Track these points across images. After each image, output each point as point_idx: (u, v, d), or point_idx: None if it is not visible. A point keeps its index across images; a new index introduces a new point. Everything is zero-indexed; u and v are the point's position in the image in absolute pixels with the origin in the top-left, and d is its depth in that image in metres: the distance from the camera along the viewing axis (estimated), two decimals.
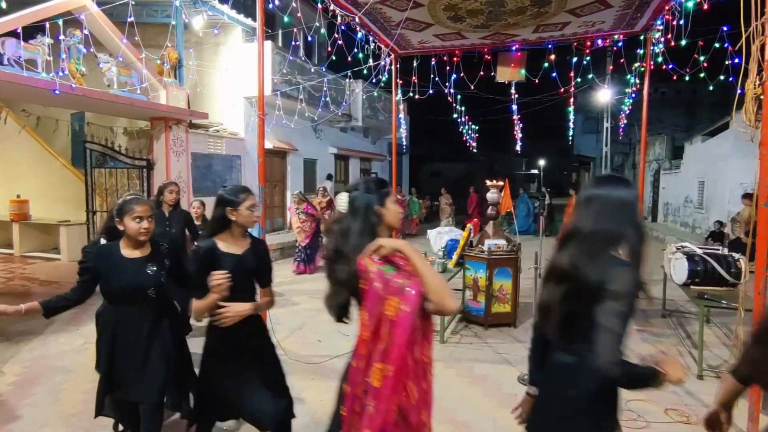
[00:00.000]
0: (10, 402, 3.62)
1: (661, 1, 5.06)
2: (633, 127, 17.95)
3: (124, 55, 7.17)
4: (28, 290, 7.01)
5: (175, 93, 8.19)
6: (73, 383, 3.95)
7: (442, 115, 13.23)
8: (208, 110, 9.50)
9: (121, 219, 2.41)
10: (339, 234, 1.73)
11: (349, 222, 1.73)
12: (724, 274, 4.38)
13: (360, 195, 1.75)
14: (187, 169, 8.65)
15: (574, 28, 5.97)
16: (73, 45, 6.49)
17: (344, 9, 5.37)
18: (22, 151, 10.37)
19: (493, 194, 5.93)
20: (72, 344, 4.85)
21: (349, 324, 1.89)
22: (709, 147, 13.11)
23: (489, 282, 5.30)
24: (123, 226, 2.42)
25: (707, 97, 19.94)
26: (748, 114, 3.07)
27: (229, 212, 2.31)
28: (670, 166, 16.95)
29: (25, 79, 5.81)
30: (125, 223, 2.41)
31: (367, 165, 16.80)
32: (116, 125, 9.79)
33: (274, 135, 10.95)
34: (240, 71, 9.92)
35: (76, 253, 9.10)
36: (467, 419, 3.45)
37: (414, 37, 6.40)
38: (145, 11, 8.71)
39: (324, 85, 10.57)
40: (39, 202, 10.07)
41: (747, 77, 3.01)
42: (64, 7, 6.30)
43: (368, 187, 1.77)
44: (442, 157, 28.42)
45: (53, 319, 5.61)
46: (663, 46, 5.61)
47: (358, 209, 1.74)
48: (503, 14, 5.42)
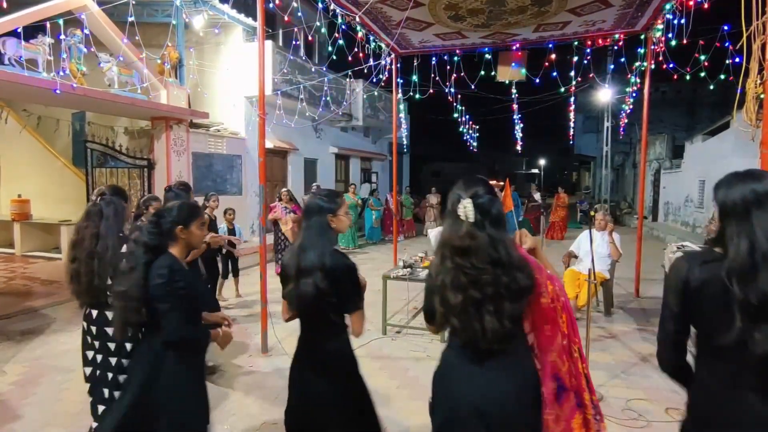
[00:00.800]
0: (11, 401, 3.63)
1: (662, 1, 5.06)
2: (633, 126, 17.92)
3: (125, 54, 7.17)
4: (29, 290, 7.02)
5: (175, 93, 8.19)
6: (75, 383, 3.95)
7: (443, 115, 13.23)
8: (209, 110, 9.50)
9: (186, 226, 2.10)
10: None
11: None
12: None
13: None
14: (187, 169, 8.65)
15: (575, 27, 5.97)
16: (73, 44, 6.49)
17: (345, 8, 5.37)
18: (23, 151, 10.37)
19: None
20: (73, 344, 4.85)
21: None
22: (709, 146, 13.09)
23: None
24: (184, 235, 2.11)
25: (708, 96, 19.90)
26: (749, 113, 3.07)
27: (330, 220, 2.11)
28: (670, 166, 16.93)
29: (26, 79, 5.81)
30: (191, 231, 2.12)
31: (368, 164, 16.80)
32: (117, 125, 9.79)
33: (275, 134, 10.95)
34: (241, 71, 9.91)
35: None
36: None
37: (414, 36, 6.40)
38: (145, 11, 8.71)
39: (324, 84, 10.57)
40: (40, 201, 10.07)
41: (748, 76, 3.01)
42: (65, 6, 6.30)
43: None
44: (443, 157, 28.42)
45: (54, 319, 5.65)
46: (664, 45, 5.60)
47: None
48: (504, 14, 5.42)
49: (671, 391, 3.79)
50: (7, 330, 5.22)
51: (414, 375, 4.17)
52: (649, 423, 3.31)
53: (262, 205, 4.63)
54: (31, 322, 5.55)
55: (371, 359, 4.45)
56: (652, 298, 6.54)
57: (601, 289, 5.66)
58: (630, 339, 4.99)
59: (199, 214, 2.20)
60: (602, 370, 4.14)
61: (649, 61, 6.08)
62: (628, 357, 4.53)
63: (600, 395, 3.67)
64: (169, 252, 2.08)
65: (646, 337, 5.10)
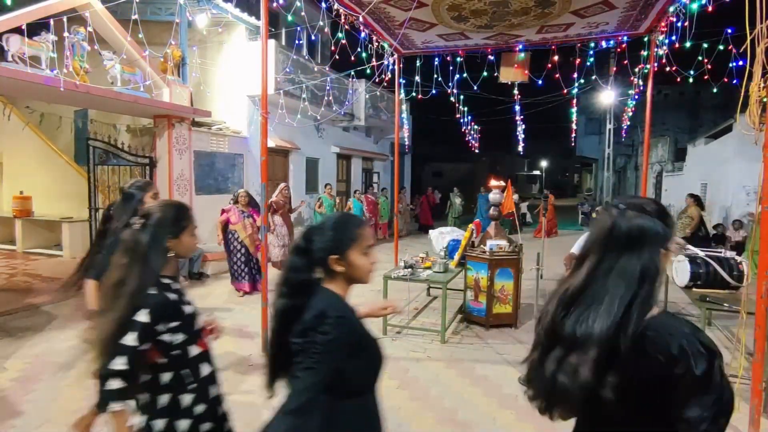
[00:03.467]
0: (12, 398, 3.63)
1: (665, 3, 5.05)
2: (635, 128, 17.92)
3: (128, 52, 7.18)
4: (30, 286, 7.03)
5: (178, 91, 8.20)
6: (75, 380, 3.96)
7: (445, 115, 13.22)
8: (211, 108, 9.51)
9: (342, 255, 1.46)
10: None
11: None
12: (726, 276, 4.37)
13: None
14: (189, 167, 8.65)
15: (578, 29, 5.97)
16: (77, 42, 6.51)
17: (348, 8, 5.37)
18: (25, 148, 10.39)
19: (496, 195, 5.93)
20: (74, 340, 4.86)
21: None
22: (712, 149, 13.08)
23: (490, 282, 5.29)
24: (348, 262, 1.48)
25: (710, 99, 19.88)
26: (752, 116, 3.06)
27: (662, 255, 1.29)
28: (672, 168, 16.91)
29: (29, 76, 5.82)
30: (356, 257, 1.48)
31: (370, 164, 16.80)
32: (119, 123, 9.81)
33: (277, 134, 10.95)
34: (243, 70, 9.92)
35: (78, 250, 9.14)
36: (468, 419, 3.45)
37: (417, 37, 6.40)
38: (149, 9, 8.73)
39: (327, 84, 10.57)
40: (42, 198, 10.09)
41: (751, 80, 3.01)
42: (69, 4, 6.31)
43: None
44: (445, 157, 28.40)
45: (55, 316, 5.65)
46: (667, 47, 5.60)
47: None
48: (507, 15, 5.42)
49: None
50: (8, 326, 5.24)
51: (414, 375, 4.17)
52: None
53: (264, 204, 4.63)
54: (32, 318, 5.57)
55: None
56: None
57: None
58: None
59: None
60: None
61: (652, 63, 6.08)
62: None
63: None
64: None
65: None
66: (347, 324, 1.40)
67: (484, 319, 5.38)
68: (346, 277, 1.48)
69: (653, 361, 1.11)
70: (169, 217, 1.79)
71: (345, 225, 1.49)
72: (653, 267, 1.18)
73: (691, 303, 5.04)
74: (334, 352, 1.35)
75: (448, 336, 5.11)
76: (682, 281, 4.61)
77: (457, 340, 5.11)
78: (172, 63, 8.17)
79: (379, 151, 17.02)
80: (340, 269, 1.45)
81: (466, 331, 5.41)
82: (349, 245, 1.45)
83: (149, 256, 1.70)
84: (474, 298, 5.48)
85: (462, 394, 3.84)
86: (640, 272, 1.17)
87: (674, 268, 4.76)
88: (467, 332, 5.36)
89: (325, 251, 1.44)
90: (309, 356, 1.34)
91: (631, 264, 1.18)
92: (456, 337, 5.18)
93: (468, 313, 5.61)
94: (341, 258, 1.45)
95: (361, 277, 1.50)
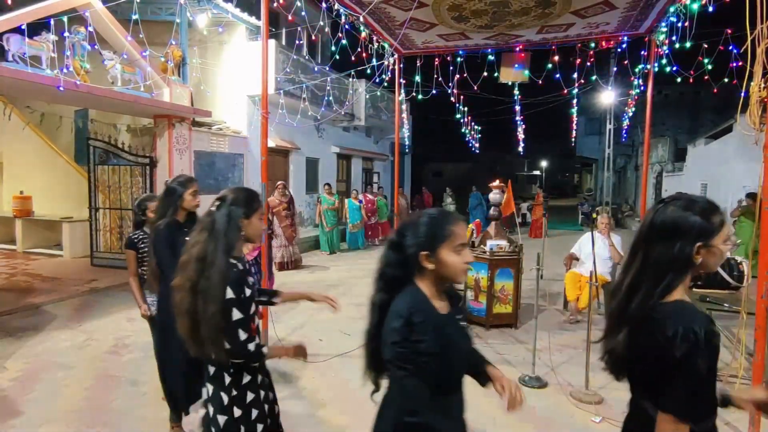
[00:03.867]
0: (12, 397, 3.63)
1: (666, 3, 5.05)
2: (636, 129, 17.91)
3: (129, 52, 7.18)
4: (30, 286, 7.03)
5: (178, 91, 8.20)
6: (75, 379, 3.96)
7: (445, 116, 13.23)
8: (212, 108, 9.51)
9: (433, 252, 1.44)
10: None
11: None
12: (726, 277, 4.37)
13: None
14: (190, 167, 8.66)
15: (579, 29, 5.97)
16: (77, 42, 6.51)
17: (348, 8, 5.37)
18: (25, 148, 10.40)
19: (496, 195, 5.93)
20: (74, 340, 4.87)
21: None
22: (712, 149, 13.08)
23: (490, 282, 5.29)
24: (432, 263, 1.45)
25: (711, 99, 19.87)
26: (752, 117, 3.06)
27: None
28: (672, 169, 16.91)
29: (30, 76, 5.82)
30: (447, 255, 1.44)
31: (370, 164, 16.80)
32: (119, 122, 9.81)
33: (277, 134, 10.96)
34: (243, 69, 9.93)
35: (78, 250, 9.14)
36: (467, 419, 3.44)
37: (418, 37, 6.40)
38: (149, 9, 8.73)
39: (327, 84, 10.57)
40: (42, 198, 10.09)
41: (752, 80, 3.01)
42: (69, 4, 6.31)
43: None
44: (445, 157, 28.42)
45: (56, 316, 5.66)
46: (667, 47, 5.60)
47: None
48: (507, 15, 5.41)
49: None
50: (8, 326, 5.24)
51: None
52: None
53: (264, 204, 4.63)
54: (32, 318, 5.57)
55: None
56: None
57: (603, 292, 5.66)
58: None
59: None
60: (603, 372, 4.13)
61: (652, 63, 6.07)
62: None
63: (600, 398, 3.67)
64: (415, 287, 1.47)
65: None
66: (433, 328, 1.38)
67: (485, 319, 5.38)
68: (436, 274, 1.44)
69: (653, 340, 1.24)
70: (242, 198, 1.87)
71: (438, 221, 1.45)
72: (681, 258, 1.28)
73: None
74: (429, 357, 1.35)
75: None
76: None
77: None
78: (173, 63, 8.17)
79: (379, 151, 17.03)
80: (431, 266, 1.42)
81: None
82: (441, 242, 1.41)
83: (227, 232, 1.78)
84: (474, 298, 5.48)
85: None
86: (668, 261, 1.29)
87: None
88: None
89: (416, 247, 1.42)
90: (407, 364, 1.36)
91: (662, 253, 1.30)
92: None
93: (468, 313, 5.61)
94: (431, 255, 1.41)
95: (453, 276, 1.46)
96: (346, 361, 4.40)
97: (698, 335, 1.17)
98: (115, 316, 5.70)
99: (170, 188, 2.92)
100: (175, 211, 2.88)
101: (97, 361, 4.35)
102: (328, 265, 9.41)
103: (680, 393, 1.20)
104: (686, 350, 1.17)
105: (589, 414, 3.45)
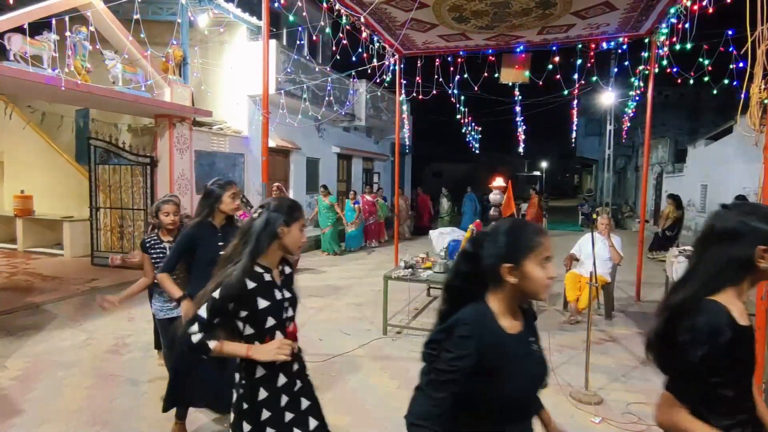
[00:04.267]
0: (12, 396, 3.64)
1: (666, 5, 5.06)
2: (636, 129, 17.91)
3: (130, 52, 7.19)
4: (30, 285, 7.04)
5: (179, 90, 8.21)
6: (76, 379, 3.97)
7: (446, 116, 13.23)
8: (212, 108, 9.52)
9: (517, 264, 1.33)
10: None
11: None
12: None
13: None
14: (190, 167, 8.67)
15: (579, 30, 5.97)
16: (78, 42, 6.52)
17: (349, 9, 5.38)
18: (26, 147, 10.41)
19: (496, 195, 5.93)
20: (75, 340, 4.87)
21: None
22: (712, 151, 13.07)
23: None
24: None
25: (711, 100, 19.86)
26: (752, 118, 3.07)
27: None
28: (672, 170, 16.90)
29: (31, 75, 5.83)
30: (532, 268, 1.32)
31: (370, 165, 16.81)
32: (120, 122, 9.82)
33: (278, 134, 10.96)
34: (244, 70, 9.94)
35: (79, 249, 9.15)
36: None
37: (418, 37, 6.41)
38: (150, 9, 8.74)
39: (328, 84, 10.58)
40: (43, 197, 10.10)
41: (752, 81, 3.01)
42: (71, 3, 6.33)
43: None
44: (445, 158, 28.41)
45: (56, 315, 5.66)
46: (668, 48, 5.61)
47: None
48: (508, 16, 5.42)
49: None
50: (9, 325, 5.24)
51: (414, 375, 4.14)
52: (649, 426, 3.31)
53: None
54: (33, 317, 5.57)
55: (372, 359, 4.46)
56: (653, 302, 6.53)
57: (602, 292, 5.66)
58: (630, 342, 4.99)
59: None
60: (602, 373, 4.14)
61: (653, 64, 6.08)
62: (628, 360, 4.52)
63: (600, 398, 3.67)
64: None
65: None
66: (476, 346, 1.26)
67: None
68: (517, 289, 1.32)
69: (672, 327, 1.31)
70: (285, 206, 1.85)
71: (521, 230, 1.35)
72: (738, 260, 1.29)
73: None
74: (456, 372, 1.26)
75: None
76: None
77: None
78: (174, 63, 8.18)
79: (380, 152, 17.04)
80: (513, 280, 1.30)
81: None
82: (526, 253, 1.30)
83: (260, 236, 1.77)
84: None
85: None
86: (722, 262, 1.30)
87: (674, 268, 4.76)
88: None
89: (498, 258, 1.31)
90: (431, 370, 1.32)
91: (717, 253, 1.32)
92: None
93: None
94: (516, 267, 1.30)
95: (535, 291, 1.32)
96: (346, 360, 4.41)
97: (703, 328, 1.22)
98: (115, 315, 5.70)
99: (209, 190, 2.89)
100: (210, 212, 2.85)
101: (97, 361, 4.35)
102: (328, 266, 9.42)
103: (675, 374, 1.32)
104: (688, 338, 1.24)
105: (588, 414, 3.46)
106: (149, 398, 3.60)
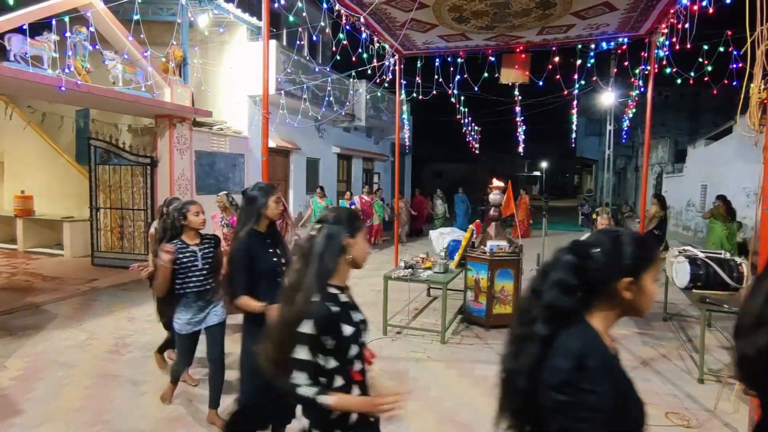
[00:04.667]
0: (12, 396, 3.64)
1: (666, 5, 5.06)
2: (636, 130, 17.91)
3: (130, 52, 7.20)
4: (31, 285, 7.04)
5: (179, 91, 8.21)
6: (75, 379, 3.97)
7: (446, 116, 13.23)
8: (212, 108, 9.52)
9: (637, 279, 1.22)
10: None
11: None
12: (725, 278, 4.38)
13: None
14: (190, 167, 8.67)
15: (579, 30, 5.98)
16: (79, 42, 6.52)
17: (349, 9, 5.38)
18: (26, 147, 10.41)
19: (495, 195, 5.93)
20: (75, 339, 4.88)
21: None
22: (712, 151, 13.09)
23: (490, 283, 5.30)
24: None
25: (711, 101, 19.87)
26: (752, 118, 3.07)
27: None
28: (672, 170, 16.91)
29: (31, 76, 5.83)
30: (650, 283, 1.25)
31: (370, 165, 16.81)
32: (121, 122, 9.82)
33: (278, 134, 10.97)
34: (244, 70, 9.94)
35: (79, 249, 9.15)
36: (468, 420, 3.45)
37: (418, 38, 6.41)
38: (150, 9, 8.74)
39: (328, 84, 10.59)
40: (43, 198, 10.11)
41: (751, 81, 3.02)
42: (71, 4, 6.33)
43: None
44: (445, 158, 28.42)
45: (56, 315, 5.67)
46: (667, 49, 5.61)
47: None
48: (508, 16, 5.43)
49: (671, 396, 3.80)
50: (9, 325, 5.25)
51: (414, 375, 4.17)
52: (648, 427, 3.31)
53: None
54: (33, 317, 5.58)
55: None
56: (653, 302, 6.54)
57: None
58: (630, 343, 4.99)
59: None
60: None
61: (653, 65, 6.09)
62: (628, 361, 4.53)
63: None
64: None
65: (646, 341, 5.10)
66: (611, 375, 1.11)
67: (484, 320, 5.39)
68: (626, 306, 1.19)
69: None
70: (344, 216, 1.69)
71: (643, 242, 1.21)
72: None
73: (690, 304, 5.05)
74: (603, 414, 1.07)
75: (448, 336, 5.12)
76: (682, 282, 4.61)
77: (457, 340, 5.12)
78: (174, 63, 8.18)
79: (380, 152, 17.04)
80: (629, 296, 1.17)
81: (466, 331, 5.42)
82: (647, 267, 1.18)
83: (324, 256, 1.60)
84: (474, 299, 5.49)
85: (462, 395, 3.84)
86: None
87: (674, 269, 4.76)
88: (467, 333, 5.37)
89: (617, 272, 1.17)
90: (573, 419, 1.08)
91: None
92: (456, 338, 5.18)
93: (468, 313, 5.62)
94: (635, 281, 1.17)
95: (645, 308, 1.21)
96: None
97: None
98: (115, 315, 5.71)
99: (251, 196, 2.70)
100: (257, 219, 2.67)
101: (97, 361, 4.36)
102: None
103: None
104: None
105: None
106: (149, 398, 3.60)
